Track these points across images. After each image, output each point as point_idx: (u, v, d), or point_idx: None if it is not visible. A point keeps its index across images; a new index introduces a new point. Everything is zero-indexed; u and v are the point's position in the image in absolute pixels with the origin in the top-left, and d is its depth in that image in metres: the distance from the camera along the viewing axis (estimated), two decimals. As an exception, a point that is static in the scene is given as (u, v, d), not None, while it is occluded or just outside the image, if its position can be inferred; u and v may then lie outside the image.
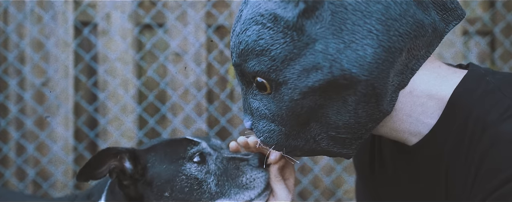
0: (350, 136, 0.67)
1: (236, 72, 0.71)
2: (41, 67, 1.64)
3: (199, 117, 1.70)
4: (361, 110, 0.65)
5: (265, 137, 0.70)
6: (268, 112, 0.69)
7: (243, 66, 0.68)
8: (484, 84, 0.65)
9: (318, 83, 0.63)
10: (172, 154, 0.82)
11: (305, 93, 0.64)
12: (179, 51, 1.70)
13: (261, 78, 0.66)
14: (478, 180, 0.61)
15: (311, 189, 1.77)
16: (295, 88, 0.64)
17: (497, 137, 0.60)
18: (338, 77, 0.62)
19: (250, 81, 0.69)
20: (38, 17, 1.65)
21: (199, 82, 1.71)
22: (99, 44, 1.67)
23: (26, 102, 1.64)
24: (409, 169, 0.73)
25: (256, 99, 0.70)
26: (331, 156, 0.72)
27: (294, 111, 0.66)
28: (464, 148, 0.64)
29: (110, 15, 1.68)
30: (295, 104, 0.65)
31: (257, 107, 0.70)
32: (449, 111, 0.66)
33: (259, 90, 0.68)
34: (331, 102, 0.65)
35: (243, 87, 0.72)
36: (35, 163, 1.64)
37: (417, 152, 0.70)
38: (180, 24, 1.70)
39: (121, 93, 1.67)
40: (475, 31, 1.86)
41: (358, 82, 0.62)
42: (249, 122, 0.72)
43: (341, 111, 0.65)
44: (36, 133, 1.63)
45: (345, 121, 0.66)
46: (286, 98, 0.65)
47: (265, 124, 0.70)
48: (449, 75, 0.68)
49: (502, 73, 0.68)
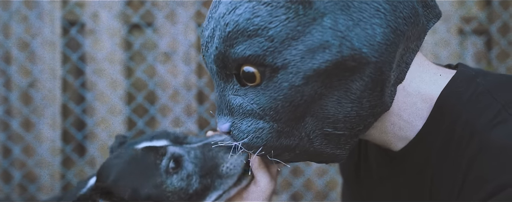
0: (347, 133, 0.61)
1: (214, 64, 0.62)
2: (27, 67, 1.61)
3: (188, 118, 1.67)
4: (366, 99, 0.59)
5: (251, 137, 0.61)
6: (256, 106, 0.60)
7: (226, 54, 0.59)
8: (473, 87, 0.62)
9: (325, 65, 0.56)
10: (146, 175, 0.73)
11: (308, 78, 0.56)
12: (168, 51, 1.67)
13: (249, 66, 0.58)
14: (465, 188, 0.58)
15: (303, 192, 1.74)
16: (297, 72, 0.56)
17: (485, 144, 0.56)
18: (347, 58, 0.56)
19: (230, 74, 0.61)
20: (23, 16, 1.61)
21: (189, 83, 1.68)
22: (87, 44, 1.64)
23: (11, 103, 1.61)
24: (394, 176, 0.70)
25: (239, 95, 0.61)
26: (321, 160, 0.64)
27: (293, 100, 0.58)
28: (451, 154, 0.60)
29: (98, 14, 1.65)
30: (296, 91, 0.57)
31: (239, 104, 0.61)
32: (436, 113, 0.62)
33: (244, 83, 0.60)
34: (332, 91, 0.58)
35: (219, 83, 0.63)
36: (22, 166, 1.61)
37: (403, 158, 0.67)
38: (169, 24, 1.67)
39: (109, 94, 1.64)
40: (471, 31, 1.83)
41: (367, 64, 0.56)
42: (228, 124, 0.63)
43: (343, 101, 0.58)
44: (22, 135, 1.60)
45: (346, 113, 0.59)
46: (284, 85, 0.57)
47: (251, 123, 0.61)
48: (437, 75, 0.64)
49: (493, 75, 0.65)
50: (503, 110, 0.58)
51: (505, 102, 0.58)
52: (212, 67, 0.63)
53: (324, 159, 0.64)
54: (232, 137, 0.63)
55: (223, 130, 0.63)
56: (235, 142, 0.63)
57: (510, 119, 0.57)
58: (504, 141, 0.55)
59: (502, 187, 0.53)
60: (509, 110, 0.58)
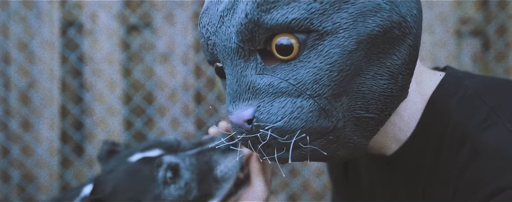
0: (377, 116, 0.57)
1: (237, 38, 0.54)
2: (26, 68, 1.62)
3: (186, 119, 1.67)
4: (401, 76, 0.55)
5: (288, 119, 0.53)
6: (293, 82, 0.53)
7: (259, 21, 0.52)
8: (462, 90, 0.62)
9: (377, 29, 0.52)
10: (144, 188, 0.72)
11: (360, 43, 0.52)
12: (166, 51, 1.68)
13: (285, 36, 0.52)
14: (460, 191, 0.58)
15: (301, 192, 1.75)
16: (350, 36, 0.51)
17: (479, 147, 0.56)
18: (394, 25, 0.53)
19: (253, 50, 0.54)
20: (22, 16, 1.62)
21: (187, 84, 1.68)
22: (85, 44, 1.65)
23: (10, 103, 1.61)
24: (386, 181, 0.69)
25: (266, 74, 0.54)
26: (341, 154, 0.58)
27: (342, 69, 0.52)
28: (443, 157, 0.60)
29: (96, 15, 1.65)
30: (347, 57, 0.52)
31: (268, 83, 0.53)
32: (428, 116, 0.62)
33: (271, 59, 0.54)
34: (370, 66, 0.54)
35: (237, 63, 0.55)
36: (20, 166, 1.62)
37: (396, 162, 0.66)
38: (167, 24, 1.67)
39: (107, 95, 1.65)
40: (468, 31, 1.83)
41: (408, 35, 0.54)
42: (251, 109, 0.54)
43: (378, 78, 0.54)
44: (21, 135, 1.61)
45: (381, 91, 0.55)
46: (334, 51, 0.52)
47: (285, 102, 0.53)
48: (432, 76, 0.65)
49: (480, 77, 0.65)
50: (492, 113, 0.58)
51: (493, 105, 0.59)
52: (227, 45, 0.55)
53: (345, 152, 0.58)
54: (256, 123, 0.54)
55: (244, 117, 0.54)
56: (262, 130, 0.54)
57: (500, 122, 0.57)
58: (496, 144, 0.55)
59: (501, 189, 0.53)
60: (498, 112, 0.58)
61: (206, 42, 0.58)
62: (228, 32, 0.54)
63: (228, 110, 0.56)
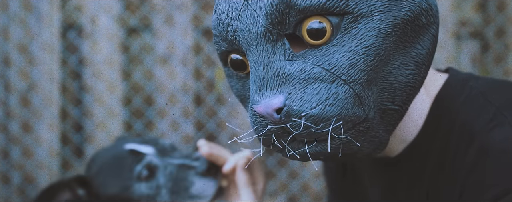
0: (400, 109, 0.55)
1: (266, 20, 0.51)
2: (26, 70, 1.62)
3: (186, 121, 1.68)
4: (425, 66, 0.55)
5: (324, 106, 0.49)
6: (327, 67, 0.50)
7: (292, 2, 0.49)
8: (467, 90, 0.62)
9: (409, 14, 0.51)
10: (119, 175, 0.78)
11: (395, 26, 0.51)
12: (166, 54, 1.68)
13: (317, 19, 0.50)
14: (467, 191, 0.58)
15: (300, 194, 1.75)
16: (386, 19, 0.50)
17: (486, 147, 0.56)
18: (423, 12, 0.53)
19: (281, 34, 0.51)
20: (22, 19, 1.63)
21: (186, 86, 1.69)
22: (85, 47, 1.65)
23: (10, 105, 1.62)
24: (388, 183, 0.69)
25: (297, 60, 0.51)
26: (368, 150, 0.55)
27: (378, 53, 0.50)
28: (449, 158, 0.60)
29: (96, 18, 1.66)
30: (383, 41, 0.50)
31: (300, 69, 0.50)
32: (434, 116, 0.62)
33: (307, 41, 0.51)
34: (397, 55, 0.53)
35: (264, 48, 0.51)
36: (20, 168, 1.62)
37: (401, 163, 0.65)
38: (167, 27, 1.68)
39: (107, 97, 1.65)
40: (467, 33, 1.84)
41: (433, 24, 0.55)
42: (281, 96, 0.50)
43: (403, 68, 0.53)
44: (21, 137, 1.61)
45: (406, 81, 0.53)
46: (371, 34, 0.50)
47: (319, 89, 0.50)
48: (437, 75, 0.64)
49: (484, 78, 0.65)
50: (499, 112, 0.58)
51: (499, 104, 0.59)
52: (253, 30, 0.52)
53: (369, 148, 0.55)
54: (287, 113, 0.50)
55: (274, 106, 0.50)
56: (295, 119, 0.50)
57: (507, 122, 0.57)
58: (503, 145, 0.55)
59: (508, 191, 0.53)
60: (504, 112, 0.58)
61: (225, 29, 0.54)
62: (254, 16, 0.51)
63: (253, 100, 0.52)
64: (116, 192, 0.77)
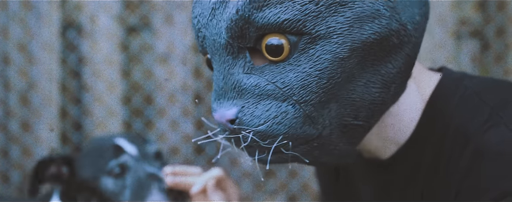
0: (365, 124, 0.55)
1: (227, 34, 0.51)
2: (25, 69, 1.62)
3: (185, 121, 1.68)
4: (394, 85, 0.54)
5: (271, 123, 0.51)
6: (280, 85, 0.51)
7: (250, 19, 0.50)
8: (461, 90, 0.61)
9: (373, 37, 0.50)
10: (94, 165, 0.83)
11: (354, 50, 0.50)
12: (166, 53, 1.68)
13: (276, 36, 0.50)
14: (462, 194, 0.57)
15: (300, 193, 1.75)
16: (343, 43, 0.49)
17: (482, 149, 0.55)
18: (393, 33, 0.51)
19: (243, 47, 0.52)
20: (21, 18, 1.62)
21: (186, 85, 1.69)
22: (84, 46, 1.65)
23: (10, 104, 1.62)
24: (380, 185, 0.68)
25: (254, 74, 0.51)
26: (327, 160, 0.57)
27: (332, 77, 0.50)
28: (443, 160, 0.59)
29: (96, 16, 1.66)
30: (338, 65, 0.50)
31: (255, 84, 0.51)
32: (427, 117, 0.61)
33: (261, 59, 0.51)
34: (363, 73, 0.52)
35: (225, 59, 0.52)
36: (20, 167, 1.62)
37: (393, 165, 0.64)
38: (166, 26, 1.68)
39: (106, 96, 1.65)
40: (467, 33, 1.84)
41: (407, 44, 0.53)
42: (235, 109, 0.52)
43: (371, 85, 0.52)
44: (20, 136, 1.61)
45: (372, 99, 0.53)
46: (326, 57, 0.49)
47: (270, 106, 0.51)
48: (430, 76, 0.63)
49: (478, 78, 0.64)
50: (494, 113, 0.57)
51: (494, 104, 0.58)
52: (217, 40, 0.53)
53: (332, 158, 0.57)
54: (238, 126, 0.52)
55: (227, 116, 0.52)
56: (244, 132, 0.52)
57: (502, 122, 0.56)
58: (499, 147, 0.55)
59: (504, 194, 0.53)
60: (499, 112, 0.57)
61: (196, 33, 0.56)
62: (218, 27, 0.52)
63: (212, 107, 0.55)
64: (86, 179, 0.83)
